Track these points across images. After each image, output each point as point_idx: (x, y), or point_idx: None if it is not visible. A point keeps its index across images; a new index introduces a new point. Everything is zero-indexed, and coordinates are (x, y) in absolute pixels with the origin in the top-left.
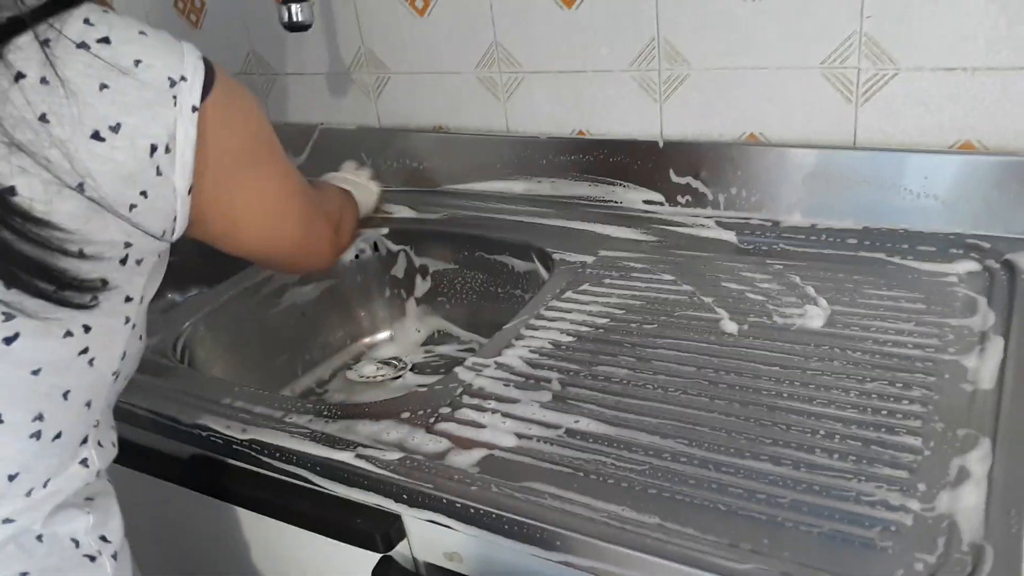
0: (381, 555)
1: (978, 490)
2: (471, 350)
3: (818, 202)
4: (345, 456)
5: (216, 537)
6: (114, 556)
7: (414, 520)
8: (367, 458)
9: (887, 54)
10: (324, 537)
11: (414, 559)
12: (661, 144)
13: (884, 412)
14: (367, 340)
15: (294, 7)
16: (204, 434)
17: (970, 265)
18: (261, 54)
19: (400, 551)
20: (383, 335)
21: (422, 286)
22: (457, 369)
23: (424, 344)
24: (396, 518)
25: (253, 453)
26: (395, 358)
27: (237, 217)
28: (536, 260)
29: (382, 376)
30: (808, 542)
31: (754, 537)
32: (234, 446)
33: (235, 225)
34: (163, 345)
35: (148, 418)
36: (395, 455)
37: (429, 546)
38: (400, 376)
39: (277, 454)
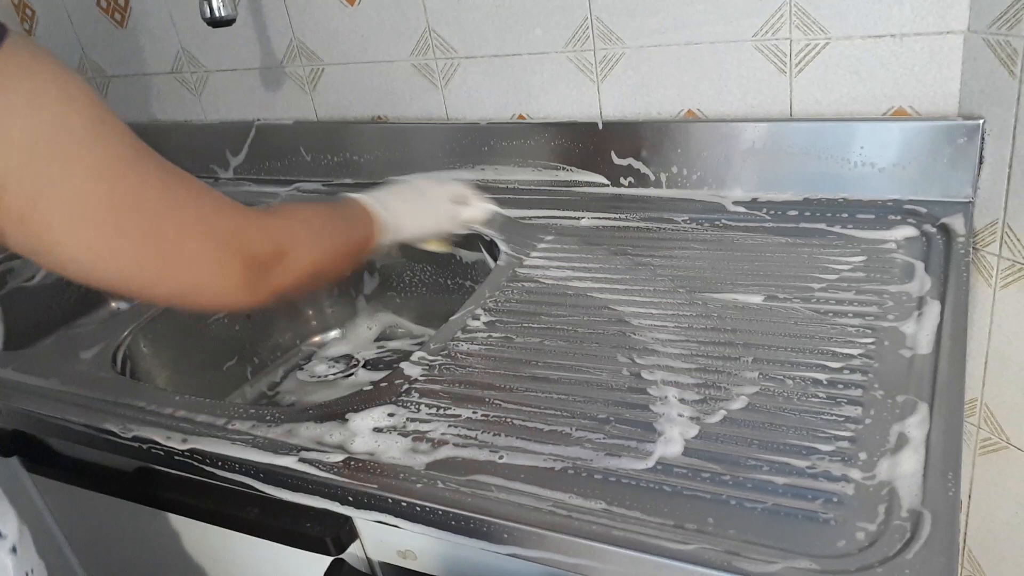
0: (333, 558)
1: (916, 456)
2: (423, 343)
3: (758, 176)
4: (287, 461)
5: (166, 549)
6: (13, 550)
7: (365, 521)
8: (310, 461)
9: (817, 23)
10: (275, 543)
11: (368, 559)
12: (600, 125)
13: (825, 383)
14: (317, 339)
15: (215, 1)
16: (144, 446)
17: (908, 231)
18: (191, 52)
19: (353, 552)
20: (334, 333)
21: (370, 282)
22: (403, 365)
23: (377, 340)
24: (346, 520)
25: (195, 463)
26: (346, 356)
27: (43, 228)
28: (483, 249)
29: (334, 375)
30: (752, 518)
31: (699, 517)
32: (175, 456)
33: (41, 239)
34: (103, 357)
35: (85, 433)
36: (339, 457)
37: (382, 545)
38: (352, 373)
39: (219, 462)
